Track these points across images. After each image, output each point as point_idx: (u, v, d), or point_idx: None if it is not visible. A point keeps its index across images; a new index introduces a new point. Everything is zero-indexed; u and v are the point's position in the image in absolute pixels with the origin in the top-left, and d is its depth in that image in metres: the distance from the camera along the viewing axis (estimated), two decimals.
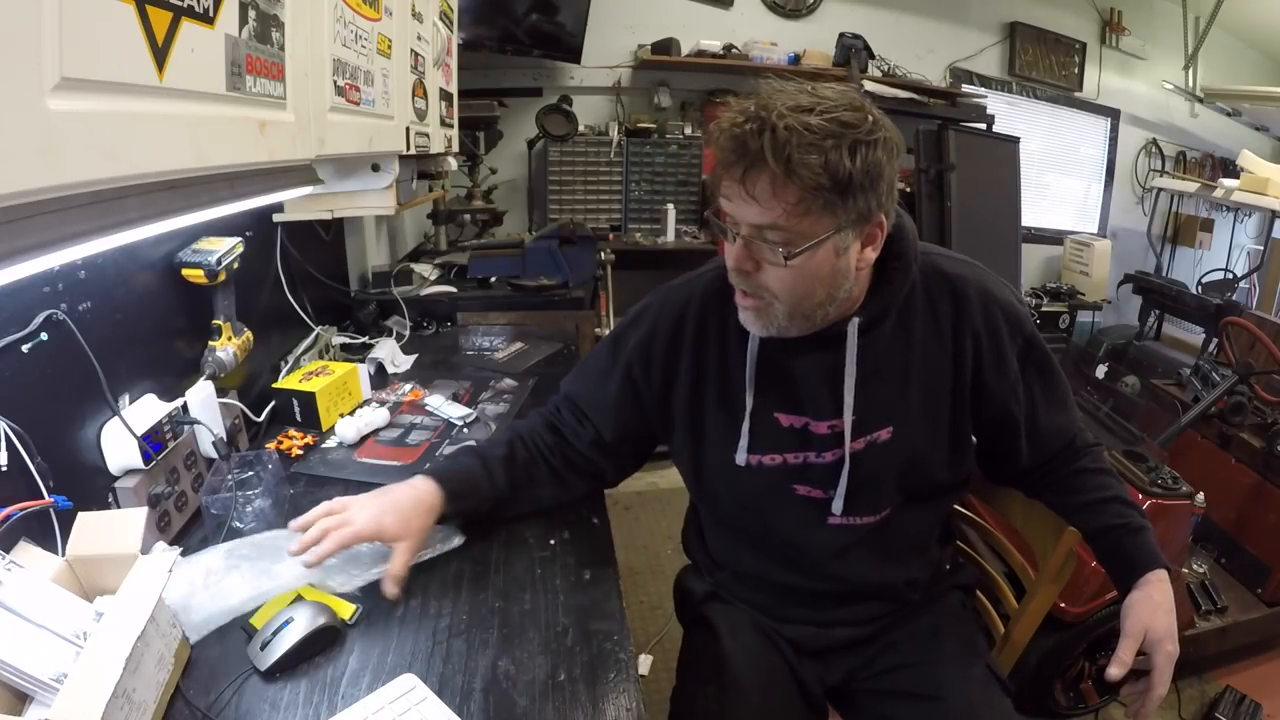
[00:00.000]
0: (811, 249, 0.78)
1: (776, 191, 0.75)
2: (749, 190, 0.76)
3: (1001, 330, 0.92)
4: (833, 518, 0.96)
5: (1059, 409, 1.00)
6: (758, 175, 0.75)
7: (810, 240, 0.77)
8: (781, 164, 0.72)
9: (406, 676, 0.76)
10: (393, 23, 1.19)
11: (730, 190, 0.78)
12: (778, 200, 0.75)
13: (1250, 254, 4.59)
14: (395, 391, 1.55)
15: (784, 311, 0.84)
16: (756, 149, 0.73)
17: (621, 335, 1.03)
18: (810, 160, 0.72)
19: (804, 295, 0.82)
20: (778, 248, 0.78)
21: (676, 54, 3.28)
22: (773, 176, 0.74)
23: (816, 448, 0.94)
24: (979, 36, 3.93)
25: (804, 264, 0.79)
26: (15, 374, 0.81)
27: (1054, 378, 0.99)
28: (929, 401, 0.93)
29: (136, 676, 0.65)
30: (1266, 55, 4.50)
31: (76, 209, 0.47)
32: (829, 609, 1.03)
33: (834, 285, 0.83)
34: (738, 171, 0.76)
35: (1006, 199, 3.55)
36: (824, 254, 0.79)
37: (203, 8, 0.56)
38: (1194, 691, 1.98)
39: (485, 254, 2.43)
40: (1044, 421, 0.99)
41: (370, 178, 1.36)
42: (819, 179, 0.73)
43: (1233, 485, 2.16)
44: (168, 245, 1.15)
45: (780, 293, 0.82)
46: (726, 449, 0.95)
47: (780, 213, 0.76)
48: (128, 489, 0.95)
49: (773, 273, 0.81)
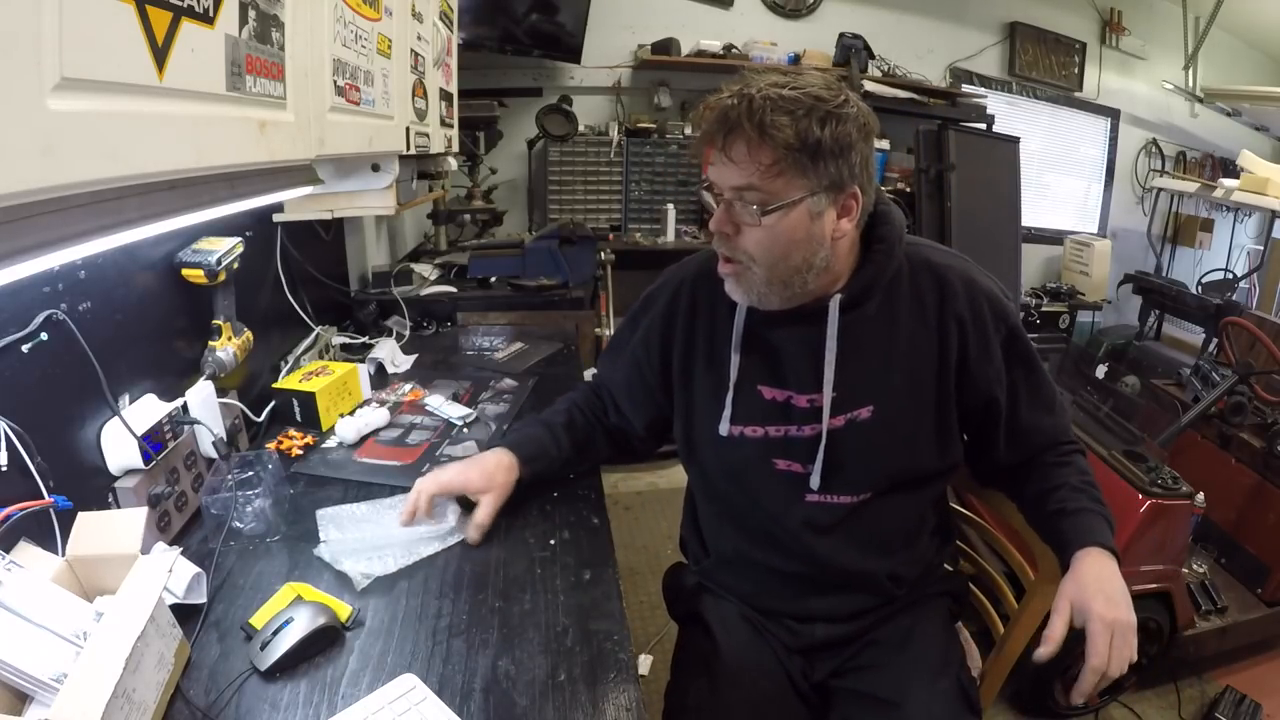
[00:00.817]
0: (785, 209, 0.83)
1: (752, 153, 0.81)
2: (728, 154, 0.82)
3: (986, 317, 0.94)
4: (810, 494, 0.97)
5: (1043, 410, 1.01)
6: (735, 139, 0.81)
7: (783, 200, 0.82)
8: (755, 127, 0.79)
9: (406, 676, 0.76)
10: (393, 23, 1.19)
11: (716, 161, 0.85)
12: (753, 161, 0.81)
13: (1250, 254, 4.59)
14: (395, 391, 1.55)
15: (762, 276, 0.87)
16: (735, 117, 0.80)
17: (633, 320, 1.11)
18: (781, 122, 0.79)
19: (780, 258, 0.86)
20: (753, 206, 0.83)
21: (676, 54, 3.28)
22: (748, 139, 0.80)
23: (797, 421, 0.96)
24: (979, 36, 3.93)
25: (778, 224, 0.83)
26: (15, 374, 0.81)
27: (1038, 376, 1.00)
28: (913, 384, 0.94)
29: (136, 676, 0.65)
30: (1266, 55, 4.50)
31: (76, 209, 0.47)
32: (809, 597, 1.03)
33: (810, 251, 0.86)
34: (719, 139, 0.83)
35: (1006, 199, 3.55)
36: (798, 216, 0.84)
37: (203, 8, 0.56)
38: (1194, 691, 1.98)
39: (485, 254, 2.43)
40: (1026, 418, 1.00)
41: (370, 178, 1.36)
42: (789, 140, 0.79)
43: (1233, 485, 2.16)
44: (168, 245, 1.15)
45: (757, 255, 0.86)
46: (712, 420, 0.99)
47: (756, 173, 0.82)
48: (128, 489, 0.95)
49: (750, 235, 0.85)
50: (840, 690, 1.03)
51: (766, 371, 0.97)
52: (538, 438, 1.11)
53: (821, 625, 1.03)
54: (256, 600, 0.88)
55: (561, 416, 1.15)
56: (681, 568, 1.19)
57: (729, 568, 1.08)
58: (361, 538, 0.99)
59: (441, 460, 1.27)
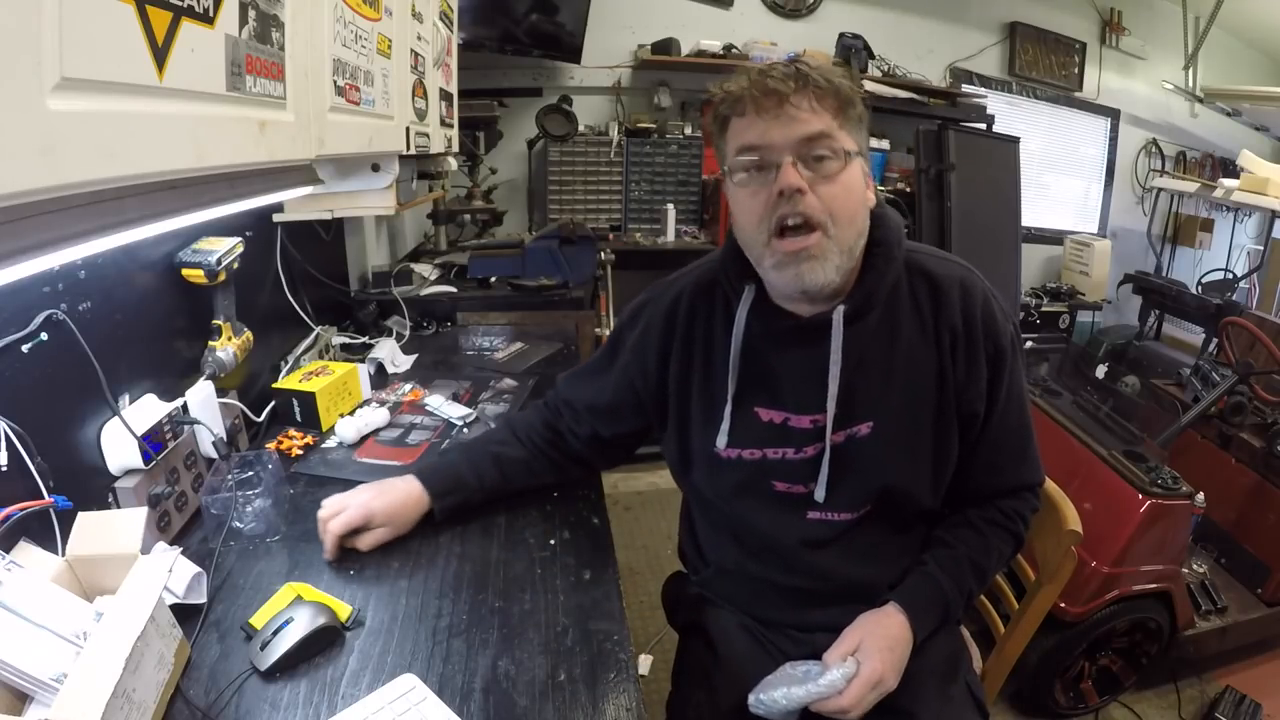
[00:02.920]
0: (853, 157, 0.83)
1: (821, 102, 0.81)
2: (788, 107, 0.80)
3: (977, 328, 0.91)
4: (812, 512, 0.96)
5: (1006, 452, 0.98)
6: (800, 94, 0.80)
7: (853, 148, 0.82)
8: (819, 80, 0.80)
9: (406, 676, 0.76)
10: (393, 23, 1.19)
11: (768, 124, 0.81)
12: (823, 109, 0.81)
13: (1250, 254, 4.59)
14: (395, 391, 1.55)
15: (838, 240, 0.83)
16: (793, 76, 0.80)
17: (619, 336, 1.06)
18: (837, 76, 0.82)
19: (851, 218, 0.84)
20: (830, 156, 0.81)
21: (676, 54, 3.27)
22: (816, 90, 0.80)
23: (796, 443, 0.94)
24: (979, 36, 3.92)
25: (849, 177, 0.82)
26: (15, 374, 0.81)
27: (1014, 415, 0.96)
28: (911, 399, 0.92)
29: (136, 676, 0.65)
30: (1266, 55, 4.50)
31: (76, 209, 0.47)
32: (810, 609, 1.01)
33: (863, 217, 0.86)
34: (775, 100, 0.80)
35: (1006, 199, 3.55)
36: (858, 172, 0.84)
37: (203, 8, 0.56)
38: (1194, 691, 1.98)
39: (485, 254, 2.43)
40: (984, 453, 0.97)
41: (370, 178, 1.36)
42: (849, 92, 0.82)
43: (1233, 485, 2.16)
44: (168, 245, 1.15)
45: (837, 212, 0.82)
46: (709, 438, 0.97)
47: (828, 120, 0.81)
48: (128, 489, 0.95)
49: (824, 190, 0.81)
50: None
51: (763, 393, 0.94)
52: (455, 469, 1.06)
53: (824, 635, 1.01)
54: (256, 600, 0.88)
55: (494, 447, 1.10)
56: (681, 577, 1.18)
57: (728, 579, 1.06)
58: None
59: None
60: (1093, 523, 1.37)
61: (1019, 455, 0.99)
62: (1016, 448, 0.99)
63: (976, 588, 0.98)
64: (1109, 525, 1.71)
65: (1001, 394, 0.94)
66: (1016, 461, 0.99)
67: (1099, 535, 1.67)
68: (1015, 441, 0.98)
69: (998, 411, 0.94)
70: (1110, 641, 1.84)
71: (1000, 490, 1.00)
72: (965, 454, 0.96)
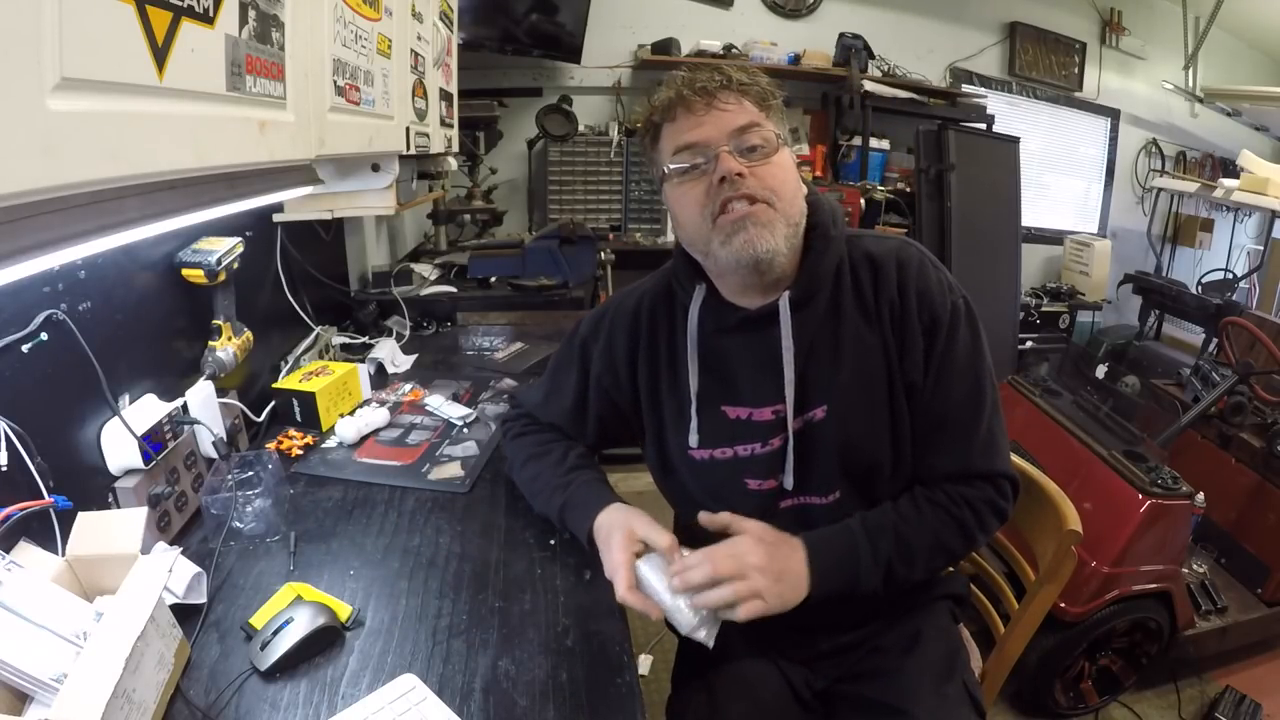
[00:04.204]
0: (784, 144, 0.89)
1: (745, 95, 0.87)
2: (723, 105, 0.86)
3: (911, 297, 0.91)
4: (785, 500, 0.96)
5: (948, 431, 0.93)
6: (725, 92, 0.87)
7: (782, 135, 0.89)
8: (736, 81, 0.87)
9: (406, 676, 0.76)
10: (393, 23, 1.19)
11: (700, 120, 0.87)
12: (747, 102, 0.87)
13: (1250, 254, 4.59)
14: (395, 391, 1.55)
15: (784, 212, 0.87)
16: (715, 78, 0.87)
17: (584, 349, 1.06)
18: (753, 71, 0.90)
19: (792, 195, 0.89)
20: (762, 143, 0.86)
21: (676, 54, 3.28)
22: (740, 87, 0.87)
23: (762, 437, 0.95)
24: (979, 36, 3.92)
25: (783, 159, 0.88)
26: (15, 374, 0.81)
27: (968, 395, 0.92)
28: (862, 380, 0.92)
29: (136, 676, 0.65)
30: (1266, 55, 4.50)
31: (76, 209, 0.47)
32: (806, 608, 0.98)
33: (800, 195, 0.90)
34: (705, 100, 0.86)
35: (1006, 199, 3.55)
36: (789, 157, 0.90)
37: (203, 8, 0.56)
38: (1194, 691, 1.98)
39: (485, 254, 2.43)
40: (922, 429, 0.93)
41: (370, 178, 1.36)
42: (765, 86, 0.89)
43: (1233, 485, 2.16)
44: (168, 245, 1.15)
45: (777, 188, 0.87)
46: (682, 439, 0.98)
47: (754, 112, 0.87)
48: (128, 489, 0.95)
49: (763, 171, 0.86)
50: (845, 698, 1.02)
51: (727, 390, 0.95)
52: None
53: (824, 635, 1.02)
54: (256, 600, 0.88)
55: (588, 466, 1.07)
56: None
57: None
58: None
59: (441, 460, 1.27)
60: (1093, 523, 1.37)
61: (964, 435, 0.93)
62: (962, 426, 0.93)
63: (901, 564, 0.91)
64: (1109, 525, 1.71)
65: (939, 365, 0.91)
66: (962, 442, 0.93)
67: (1099, 535, 1.67)
68: (961, 419, 0.93)
69: (936, 384, 0.91)
70: (1110, 641, 1.84)
71: (948, 472, 0.94)
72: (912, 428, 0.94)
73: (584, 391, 1.06)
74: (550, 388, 1.11)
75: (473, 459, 1.27)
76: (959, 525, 0.93)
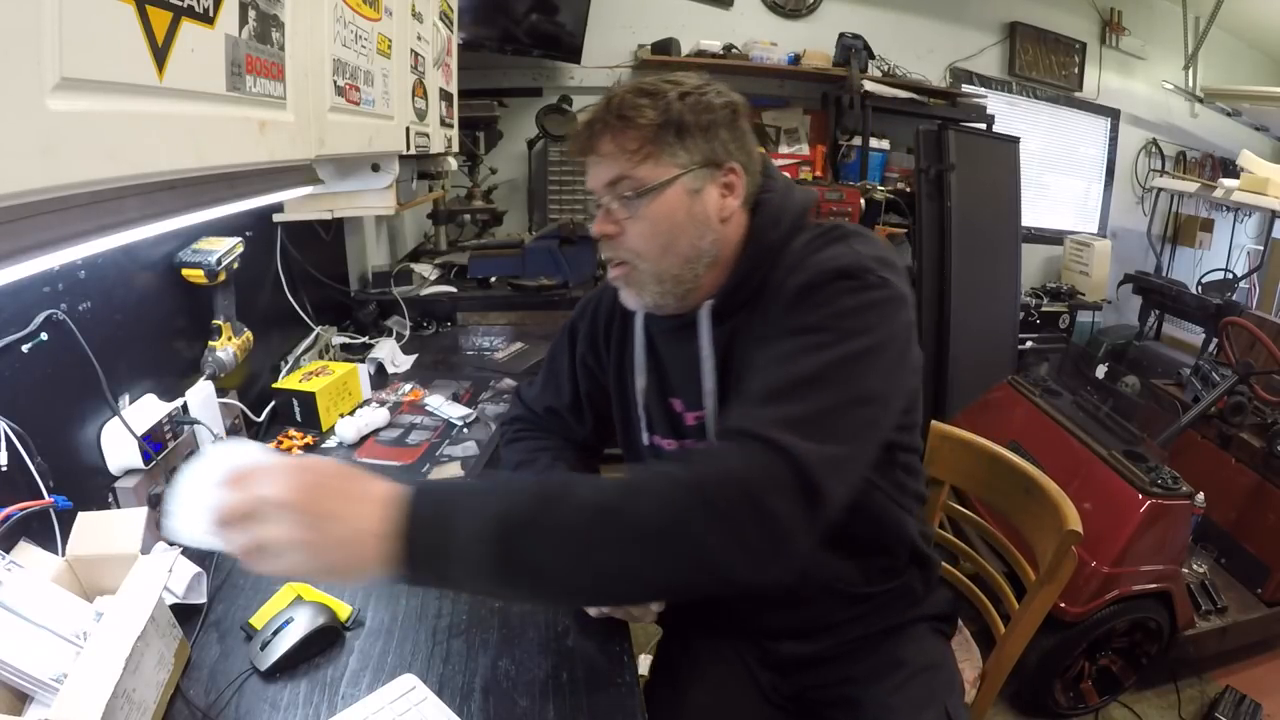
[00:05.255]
0: (658, 190, 0.80)
1: (617, 141, 0.80)
2: (597, 150, 0.81)
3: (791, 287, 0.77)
4: None
5: (760, 394, 0.71)
6: (601, 134, 0.81)
7: (655, 182, 0.80)
8: (616, 116, 0.79)
9: (406, 676, 0.76)
10: (393, 23, 1.19)
11: (589, 168, 0.83)
12: (620, 150, 0.80)
13: (1250, 254, 4.59)
14: (395, 391, 1.55)
15: (650, 272, 0.83)
16: (598, 115, 0.81)
17: (572, 331, 1.07)
18: (641, 104, 0.79)
19: (665, 248, 0.82)
20: (628, 195, 0.80)
21: (676, 54, 3.27)
22: (612, 130, 0.80)
23: (694, 436, 0.93)
24: (979, 36, 3.92)
25: (657, 210, 0.80)
26: (15, 374, 0.81)
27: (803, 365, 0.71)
28: None
29: (136, 676, 0.65)
30: (1266, 55, 4.50)
31: (76, 209, 0.47)
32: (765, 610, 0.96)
33: (696, 235, 0.82)
34: (589, 145, 0.82)
35: (1006, 199, 3.54)
36: (675, 197, 0.80)
37: (203, 8, 0.56)
38: (1194, 691, 1.98)
39: (485, 254, 2.43)
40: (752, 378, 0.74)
41: (370, 178, 1.36)
42: (651, 119, 0.78)
43: (1233, 485, 2.16)
44: (168, 245, 1.15)
45: (641, 248, 0.82)
46: (639, 430, 0.98)
47: (624, 162, 0.80)
48: (128, 489, 0.95)
49: (632, 229, 0.82)
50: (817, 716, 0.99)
51: (669, 387, 0.94)
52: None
53: (789, 642, 0.98)
54: (256, 600, 0.88)
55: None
56: None
57: None
58: None
59: (442, 460, 1.27)
60: (1093, 523, 1.37)
61: (766, 397, 0.70)
62: (774, 384, 0.71)
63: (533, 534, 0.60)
64: (1109, 525, 1.71)
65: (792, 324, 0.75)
66: (759, 402, 0.70)
67: (1099, 535, 1.67)
68: (776, 376, 0.71)
69: (777, 339, 0.75)
70: (1110, 641, 1.84)
71: (727, 429, 0.71)
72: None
73: (574, 372, 1.06)
74: (547, 375, 1.12)
75: (473, 459, 1.27)
76: (664, 480, 0.65)
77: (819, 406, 0.68)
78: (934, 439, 1.33)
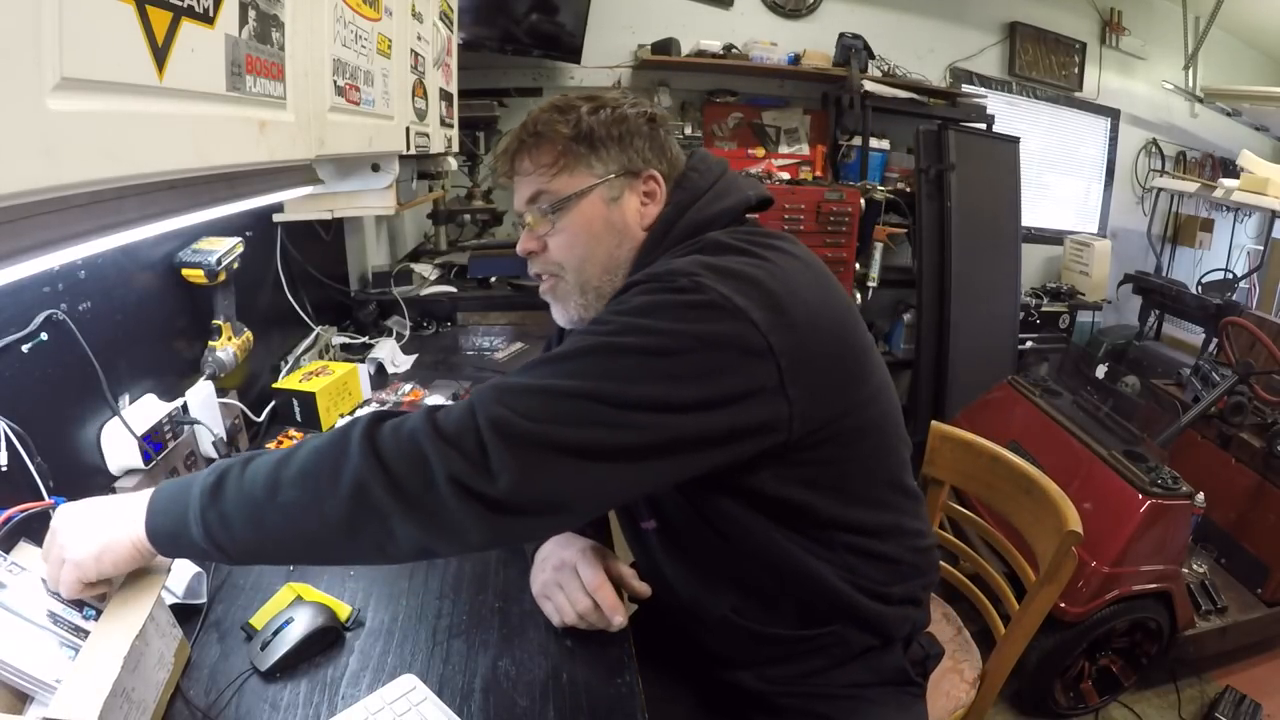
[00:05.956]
0: (574, 200, 0.82)
1: (533, 158, 0.83)
2: (518, 170, 0.84)
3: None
4: (644, 522, 0.90)
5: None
6: (519, 153, 0.84)
7: (570, 193, 0.82)
8: (530, 134, 0.83)
9: (406, 677, 0.76)
10: (393, 23, 1.19)
11: (513, 185, 0.86)
12: (535, 167, 0.83)
13: (1250, 254, 4.59)
14: (395, 391, 1.55)
15: (574, 283, 0.85)
16: (517, 136, 0.84)
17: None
18: (553, 119, 0.82)
19: (585, 258, 0.84)
20: (544, 209, 0.83)
21: (676, 54, 3.27)
22: (527, 148, 0.83)
23: None
24: (979, 36, 3.92)
25: (574, 220, 0.83)
26: (15, 374, 0.81)
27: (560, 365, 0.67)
28: None
29: (136, 676, 0.65)
30: (1266, 55, 4.50)
31: (76, 209, 0.47)
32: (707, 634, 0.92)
33: (615, 243, 0.84)
34: (508, 168, 0.85)
35: (1006, 199, 3.55)
36: (592, 206, 0.83)
37: (203, 8, 0.56)
38: (1194, 691, 1.98)
39: (485, 254, 2.43)
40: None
41: (370, 178, 1.36)
42: (564, 133, 0.81)
43: (1233, 485, 2.16)
44: (168, 245, 1.15)
45: (563, 259, 0.85)
46: None
47: (539, 177, 0.83)
48: (128, 489, 0.95)
49: (553, 244, 0.84)
50: None
51: None
52: None
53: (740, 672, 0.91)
54: (256, 600, 0.88)
55: None
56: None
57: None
58: None
59: None
60: (1093, 523, 1.37)
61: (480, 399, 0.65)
62: (529, 363, 0.71)
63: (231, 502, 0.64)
64: (1109, 525, 1.71)
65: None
66: (472, 402, 0.66)
67: (1099, 535, 1.67)
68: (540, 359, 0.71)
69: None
70: (1110, 641, 1.84)
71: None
72: None
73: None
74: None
75: None
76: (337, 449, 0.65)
77: (537, 383, 0.65)
78: (934, 439, 1.34)
